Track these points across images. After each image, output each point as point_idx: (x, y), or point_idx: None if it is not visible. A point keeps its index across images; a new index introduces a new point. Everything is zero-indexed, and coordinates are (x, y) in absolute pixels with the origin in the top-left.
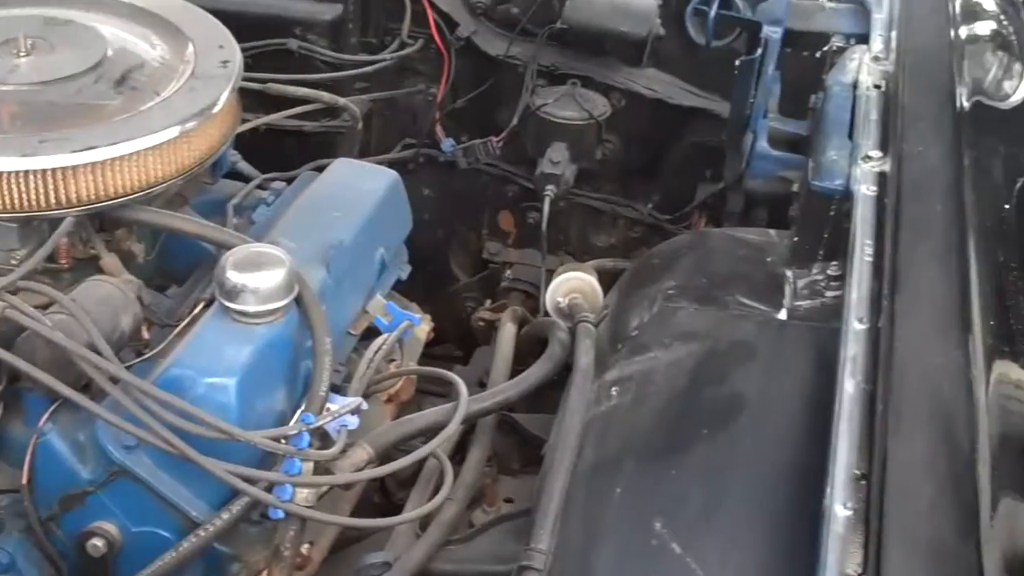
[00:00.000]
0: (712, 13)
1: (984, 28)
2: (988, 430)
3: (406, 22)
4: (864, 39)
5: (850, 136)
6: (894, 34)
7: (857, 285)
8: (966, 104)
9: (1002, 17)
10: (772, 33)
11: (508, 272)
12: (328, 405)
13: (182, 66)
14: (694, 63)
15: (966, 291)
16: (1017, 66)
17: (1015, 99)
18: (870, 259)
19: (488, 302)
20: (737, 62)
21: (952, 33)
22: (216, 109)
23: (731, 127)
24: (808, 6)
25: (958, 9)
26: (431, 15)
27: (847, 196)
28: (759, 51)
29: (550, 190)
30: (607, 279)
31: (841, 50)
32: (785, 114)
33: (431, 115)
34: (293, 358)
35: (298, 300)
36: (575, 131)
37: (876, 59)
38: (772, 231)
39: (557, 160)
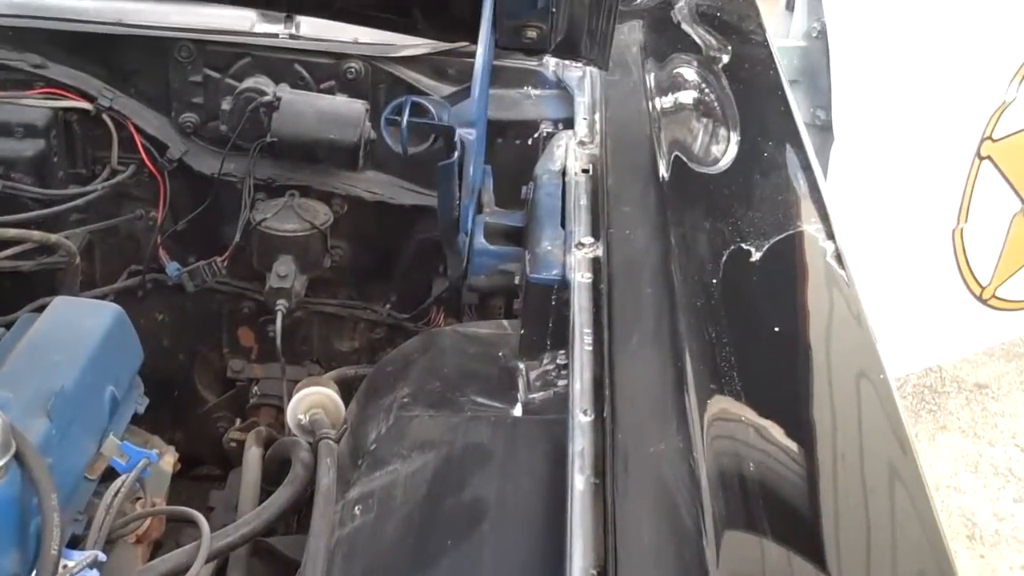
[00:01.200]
0: (404, 122)
1: (687, 97)
2: (712, 511)
3: (114, 149)
4: (570, 124)
5: (563, 224)
6: (597, 116)
7: (580, 375)
8: (666, 176)
9: (703, 86)
10: (467, 135)
11: (255, 388)
12: (64, 562)
13: None
14: (411, 161)
15: (681, 373)
16: (722, 131)
17: (724, 163)
18: (589, 348)
19: (238, 421)
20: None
21: (651, 108)
22: None
23: (442, 229)
24: (514, 95)
25: (653, 84)
26: (139, 140)
27: (565, 285)
28: (456, 154)
29: (281, 305)
30: (351, 387)
31: (551, 136)
32: (506, 204)
33: (153, 240)
34: (19, 519)
35: (18, 456)
36: (299, 243)
37: (581, 143)
38: (505, 322)
39: (284, 274)
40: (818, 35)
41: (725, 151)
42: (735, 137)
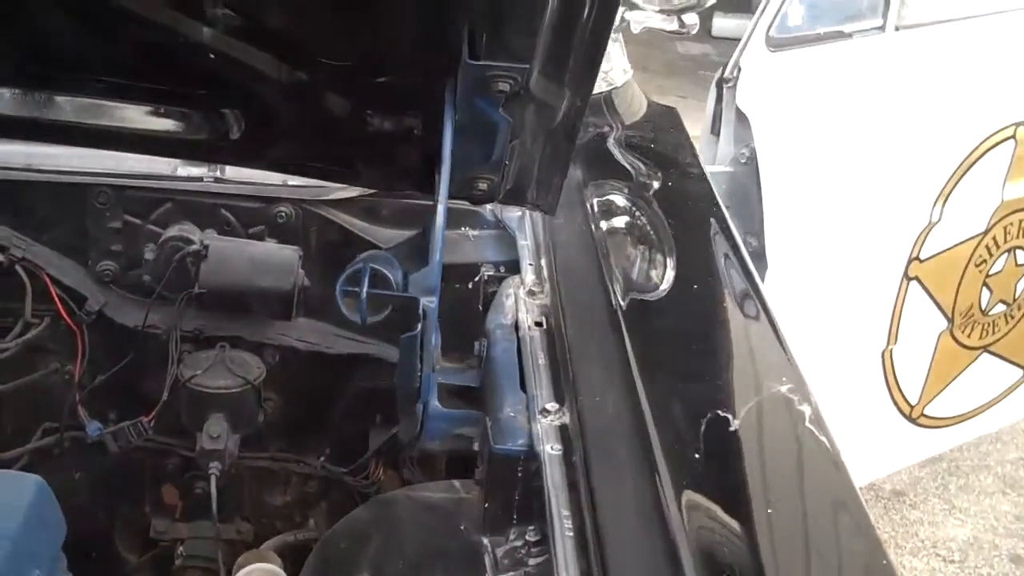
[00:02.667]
0: (363, 293)
1: (620, 223)
2: None
3: (28, 302)
4: (512, 266)
5: (523, 386)
6: (544, 262)
7: (565, 568)
8: (626, 324)
9: (635, 211)
10: (429, 304)
11: (180, 549)
12: None
13: None
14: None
15: (675, 557)
16: (659, 256)
17: (663, 287)
18: (571, 534)
19: None
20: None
21: (599, 248)
22: None
23: (401, 399)
24: (452, 236)
25: (594, 220)
26: (54, 292)
27: (532, 456)
28: (419, 326)
29: (215, 467)
30: (290, 554)
31: (493, 279)
32: (447, 351)
33: (71, 397)
34: None
35: None
36: (232, 400)
37: (531, 293)
38: (456, 483)
39: (216, 434)
40: (747, 161)
41: (663, 276)
42: (671, 262)
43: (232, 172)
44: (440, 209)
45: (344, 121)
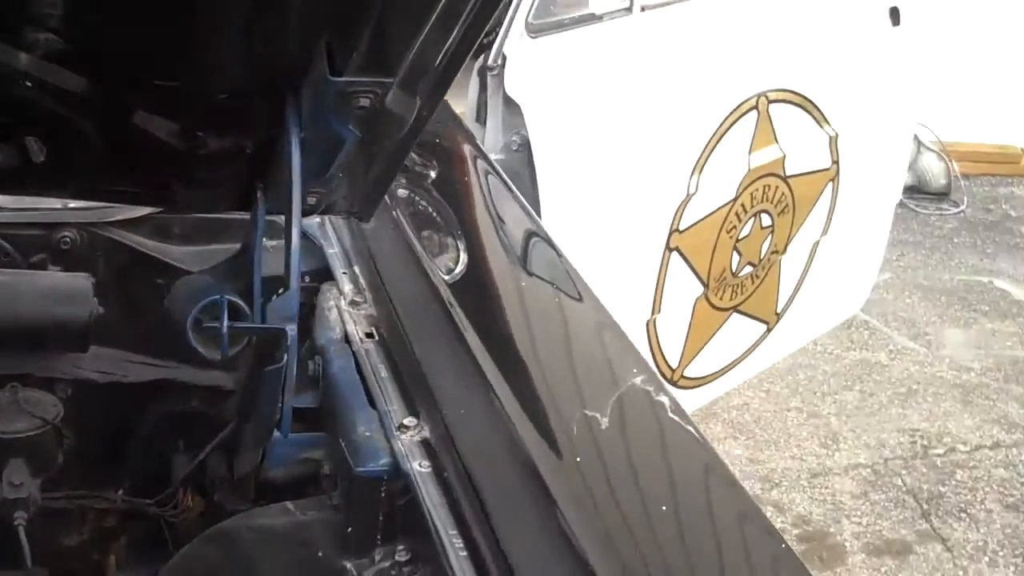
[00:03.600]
0: (224, 328)
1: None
2: None
3: None
4: (318, 275)
5: (372, 403)
6: (358, 269)
7: None
8: (464, 321)
9: (416, 199)
10: (291, 331)
11: None
12: None
13: None
14: (140, 333)
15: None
16: (449, 240)
17: (458, 271)
18: (464, 553)
19: None
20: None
21: (414, 250)
22: None
23: (255, 431)
24: None
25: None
26: None
27: (396, 474)
28: (284, 356)
29: (20, 517)
30: None
31: (305, 290)
32: None
33: None
34: None
35: None
36: (31, 443)
37: (354, 303)
38: (290, 505)
39: (19, 481)
40: (518, 148)
41: (459, 259)
42: (462, 245)
43: (3, 199)
44: (295, 231)
45: (168, 144)
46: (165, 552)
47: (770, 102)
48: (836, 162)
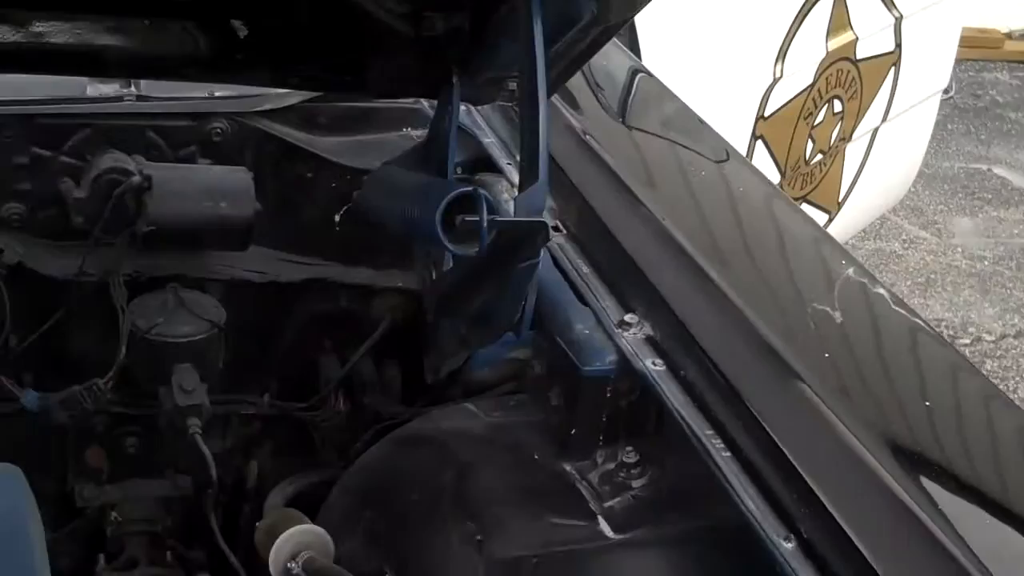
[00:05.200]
0: (484, 222)
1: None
2: None
3: None
4: (471, 165)
5: (580, 298)
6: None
7: (743, 491)
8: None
9: None
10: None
11: (114, 515)
12: None
13: None
14: (290, 229)
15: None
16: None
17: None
18: (729, 454)
19: (101, 558)
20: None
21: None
22: None
23: (492, 327)
24: (395, 140)
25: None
26: None
27: (623, 373)
28: (541, 252)
29: (194, 425)
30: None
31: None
32: None
33: None
34: None
35: None
36: (199, 347)
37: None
38: (470, 406)
39: (191, 387)
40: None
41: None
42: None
43: (150, 87)
44: (543, 115)
45: (387, 25)
46: (308, 459)
47: None
48: (899, 45)
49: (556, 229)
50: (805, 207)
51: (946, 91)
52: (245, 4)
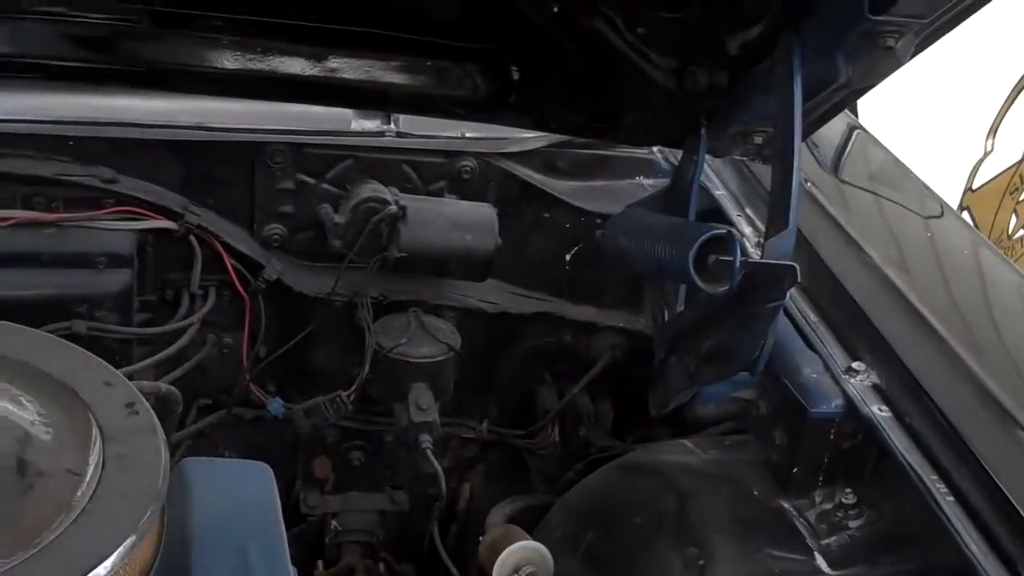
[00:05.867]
0: (737, 261)
1: None
2: None
3: (196, 272)
4: (704, 216)
5: (808, 344)
6: (751, 211)
7: (967, 536)
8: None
9: None
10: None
11: (334, 524)
12: None
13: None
14: (523, 264)
15: None
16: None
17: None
18: (952, 499)
19: (320, 564)
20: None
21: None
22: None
23: (732, 371)
24: (627, 187)
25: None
26: (228, 261)
27: (848, 417)
28: (787, 294)
29: (426, 441)
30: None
31: None
32: None
33: (239, 372)
34: None
35: None
36: (435, 368)
37: (759, 246)
38: (687, 443)
39: (426, 406)
40: None
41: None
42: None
43: (408, 124)
44: (796, 168)
45: (649, 77)
46: (522, 484)
47: None
48: None
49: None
50: None
51: None
52: (524, 51)
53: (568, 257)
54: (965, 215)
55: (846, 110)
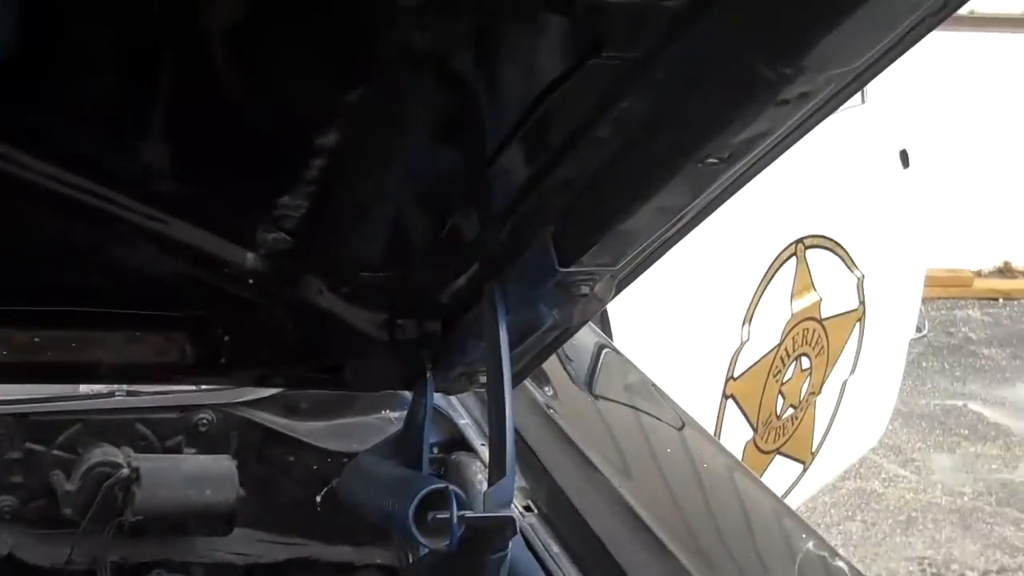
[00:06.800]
0: (454, 518)
1: None
2: None
3: None
4: (447, 446)
5: None
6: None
7: None
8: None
9: None
10: (517, 519)
11: None
12: None
13: None
14: (273, 511)
15: None
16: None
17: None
18: None
19: None
20: None
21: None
22: None
23: None
24: (373, 423)
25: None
26: None
27: None
28: (510, 544)
29: None
30: None
31: (433, 462)
32: None
33: None
34: None
35: None
36: None
37: None
38: None
39: None
40: None
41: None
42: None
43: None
44: (509, 415)
45: (362, 332)
46: None
47: (806, 248)
48: (862, 303)
49: (528, 509)
50: (779, 459)
51: (919, 329)
52: (230, 315)
53: (318, 499)
54: (730, 403)
55: (592, 326)
